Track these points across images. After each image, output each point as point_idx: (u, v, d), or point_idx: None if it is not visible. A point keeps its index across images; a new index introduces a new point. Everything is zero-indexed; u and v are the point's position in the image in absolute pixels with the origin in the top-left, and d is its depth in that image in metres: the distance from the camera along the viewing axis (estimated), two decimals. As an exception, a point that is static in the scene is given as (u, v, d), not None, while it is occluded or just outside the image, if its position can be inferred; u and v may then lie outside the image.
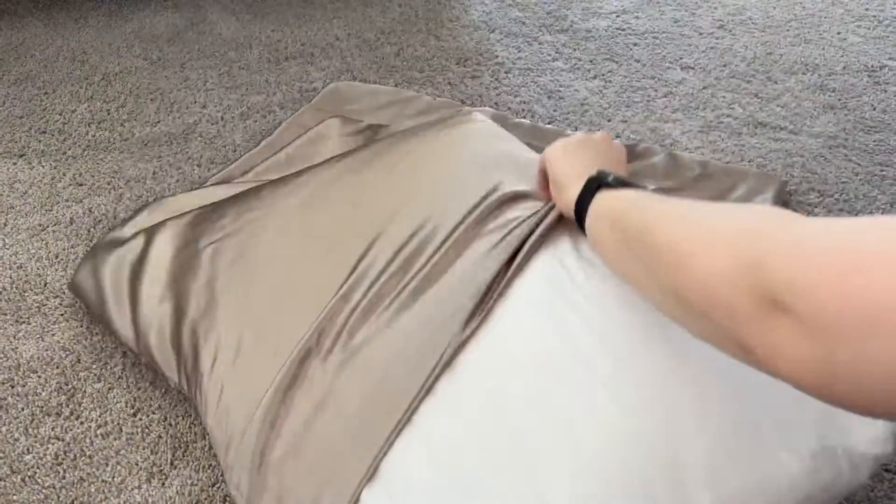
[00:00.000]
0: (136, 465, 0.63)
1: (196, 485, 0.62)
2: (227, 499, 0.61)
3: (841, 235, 0.31)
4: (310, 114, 1.00)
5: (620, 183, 0.53)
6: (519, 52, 1.19)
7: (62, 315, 0.76)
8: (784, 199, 0.88)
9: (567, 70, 1.14)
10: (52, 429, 0.66)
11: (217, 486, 0.62)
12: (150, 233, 0.72)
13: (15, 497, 0.61)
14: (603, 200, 0.52)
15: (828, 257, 0.30)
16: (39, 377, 0.70)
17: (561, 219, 0.59)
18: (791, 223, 0.34)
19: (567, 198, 0.56)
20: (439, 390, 0.51)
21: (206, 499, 0.61)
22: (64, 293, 0.78)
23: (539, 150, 0.66)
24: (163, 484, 0.62)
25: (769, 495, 0.45)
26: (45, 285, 0.79)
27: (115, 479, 0.62)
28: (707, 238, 0.37)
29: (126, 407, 0.67)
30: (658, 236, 0.41)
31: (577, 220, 0.55)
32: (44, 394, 0.68)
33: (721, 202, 0.44)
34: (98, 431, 0.66)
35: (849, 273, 0.28)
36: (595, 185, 0.53)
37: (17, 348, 0.72)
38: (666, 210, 0.44)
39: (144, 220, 0.79)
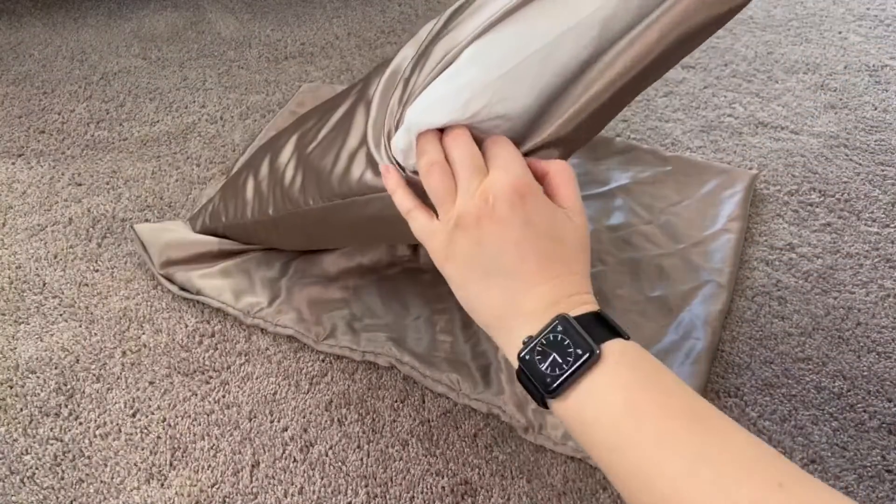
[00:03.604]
0: (136, 465, 0.63)
1: (195, 485, 0.61)
2: (227, 499, 0.61)
3: None
4: (285, 118, 1.00)
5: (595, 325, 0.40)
6: (519, 51, 1.18)
7: (61, 315, 0.75)
8: (753, 193, 0.88)
9: (567, 69, 1.14)
10: (51, 429, 0.65)
11: (216, 486, 0.61)
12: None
13: (14, 498, 0.61)
14: (581, 397, 0.38)
15: None
16: (38, 377, 0.70)
17: None
18: None
19: (505, 340, 0.42)
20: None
21: (205, 499, 0.61)
22: (63, 293, 0.78)
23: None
24: (162, 485, 0.62)
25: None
26: (44, 285, 0.78)
27: (115, 479, 0.62)
28: None
29: (125, 407, 0.67)
30: (648, 495, 0.35)
31: (523, 378, 0.41)
32: (42, 394, 0.68)
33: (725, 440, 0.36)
34: (97, 432, 0.65)
35: None
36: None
37: (15, 349, 0.72)
38: (662, 463, 0.35)
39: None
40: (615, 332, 0.40)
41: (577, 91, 0.48)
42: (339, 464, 0.63)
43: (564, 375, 0.38)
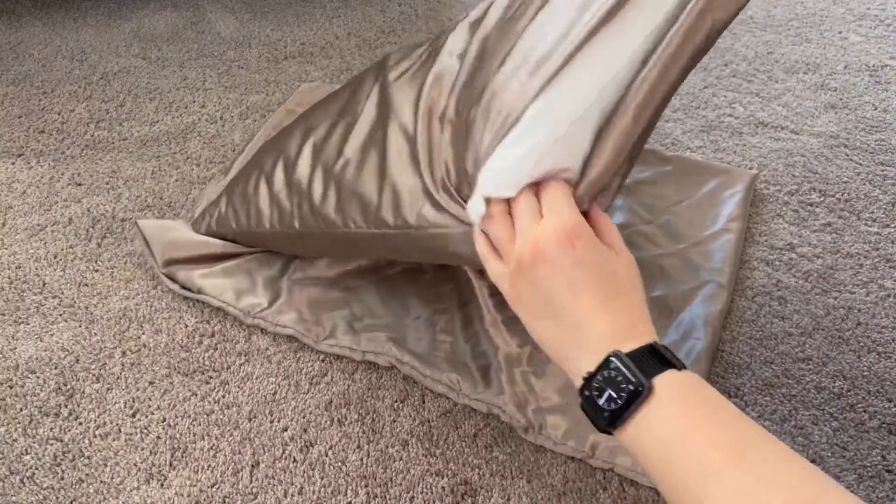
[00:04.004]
0: (135, 465, 0.63)
1: (195, 485, 0.61)
2: (227, 499, 0.61)
3: None
4: (281, 116, 1.00)
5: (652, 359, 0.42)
6: (519, 51, 1.18)
7: (61, 315, 0.75)
8: (753, 193, 0.88)
9: (567, 69, 1.14)
10: (51, 429, 0.65)
11: (216, 486, 0.61)
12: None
13: (14, 498, 0.61)
14: (636, 430, 0.41)
15: None
16: (38, 377, 0.70)
17: None
18: None
19: (571, 374, 0.46)
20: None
21: (205, 499, 0.61)
22: (63, 293, 0.78)
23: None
24: (162, 485, 0.62)
25: None
26: (44, 285, 0.78)
27: (114, 479, 0.62)
28: None
29: (125, 407, 0.67)
30: None
31: (585, 410, 0.44)
32: (42, 394, 0.68)
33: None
34: (97, 432, 0.65)
35: None
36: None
37: (15, 349, 0.72)
38: (705, 499, 0.37)
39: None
40: (668, 362, 0.42)
41: (618, 124, 0.50)
42: (339, 464, 0.63)
43: (619, 411, 0.41)
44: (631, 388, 0.41)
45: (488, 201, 0.51)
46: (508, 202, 0.50)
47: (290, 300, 0.75)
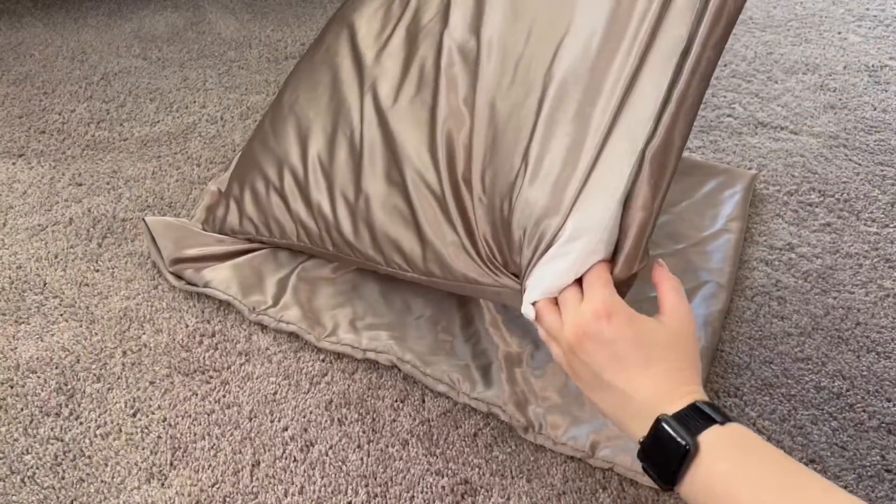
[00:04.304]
0: (136, 465, 0.63)
1: (196, 485, 0.62)
2: (227, 499, 0.61)
3: None
4: None
5: (709, 414, 0.45)
6: (519, 51, 1.18)
7: (61, 315, 0.76)
8: (753, 193, 0.88)
9: (567, 70, 1.14)
10: (52, 429, 0.66)
11: (217, 486, 0.62)
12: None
13: (14, 497, 0.61)
14: (688, 486, 0.44)
15: None
16: (39, 377, 0.70)
17: None
18: None
19: (630, 434, 0.49)
20: None
21: (205, 499, 0.61)
22: (63, 293, 0.78)
23: None
24: (162, 484, 0.62)
25: None
26: (45, 285, 0.79)
27: (115, 479, 0.62)
28: None
29: (125, 407, 0.67)
30: None
31: (645, 471, 0.47)
32: (43, 394, 0.68)
33: None
34: (97, 432, 0.65)
35: None
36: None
37: (16, 348, 0.72)
38: None
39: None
40: (712, 419, 0.45)
41: (638, 199, 0.54)
42: (340, 463, 0.63)
43: (670, 471, 0.44)
44: (678, 448, 0.43)
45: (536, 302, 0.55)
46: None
47: (294, 298, 0.75)
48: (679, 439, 0.44)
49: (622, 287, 0.53)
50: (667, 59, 0.52)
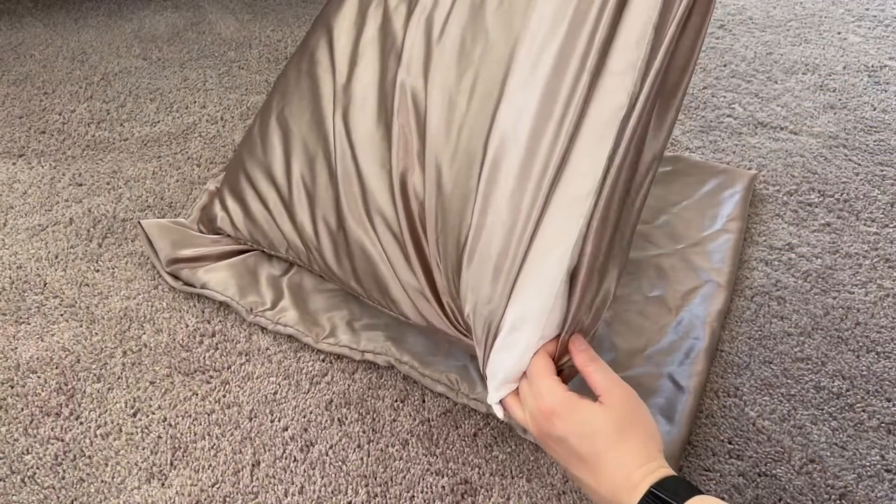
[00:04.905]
0: (136, 465, 0.63)
1: (196, 485, 0.62)
2: (227, 499, 0.61)
3: None
4: None
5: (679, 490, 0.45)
6: (519, 51, 1.18)
7: (62, 315, 0.76)
8: (753, 193, 0.88)
9: (567, 70, 1.14)
10: (52, 429, 0.66)
11: (217, 486, 0.62)
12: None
13: (14, 497, 0.61)
14: None
15: None
16: (39, 377, 0.70)
17: None
18: None
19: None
20: None
21: (206, 499, 0.61)
22: (64, 293, 0.78)
23: None
24: (162, 484, 0.62)
25: None
26: (45, 285, 0.79)
27: (115, 479, 0.62)
28: None
29: (126, 407, 0.67)
30: None
31: None
32: (43, 394, 0.68)
33: None
34: (98, 432, 0.65)
35: None
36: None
37: (16, 348, 0.72)
38: None
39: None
40: (695, 488, 0.45)
41: (578, 278, 0.53)
42: (340, 463, 0.63)
43: None
44: None
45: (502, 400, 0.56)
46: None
47: (291, 300, 0.75)
48: None
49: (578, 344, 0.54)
50: (604, 127, 0.51)
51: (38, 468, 0.63)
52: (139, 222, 0.81)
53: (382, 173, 0.66)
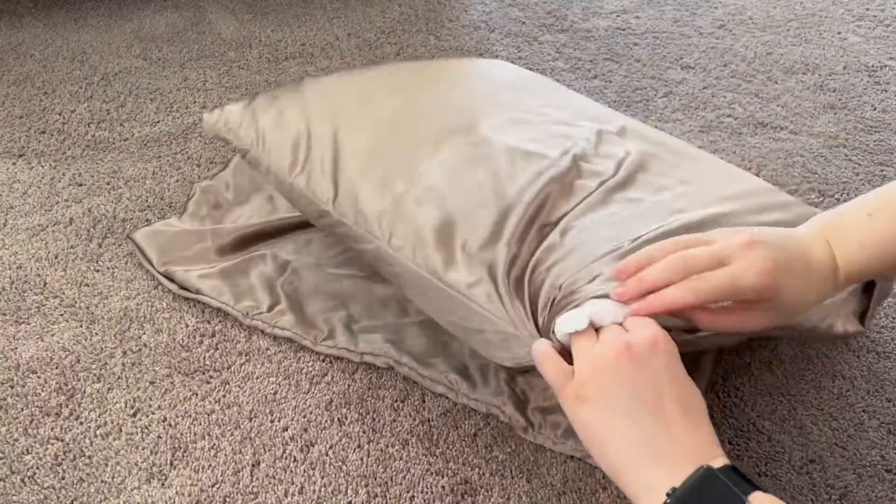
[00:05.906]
0: (136, 465, 0.63)
1: (196, 485, 0.62)
2: (227, 499, 0.61)
3: None
4: None
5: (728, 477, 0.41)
6: (519, 51, 1.19)
7: (62, 315, 0.76)
8: None
9: (567, 70, 1.14)
10: (52, 429, 0.66)
11: (217, 486, 0.62)
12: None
13: (14, 497, 0.61)
14: None
15: None
16: (39, 377, 0.70)
17: None
18: None
19: (636, 488, 0.42)
20: None
21: (205, 499, 0.61)
22: (64, 293, 0.78)
23: None
24: (162, 484, 0.62)
25: None
26: (45, 285, 0.79)
27: (115, 479, 0.62)
28: None
29: (126, 407, 0.67)
30: None
31: None
32: (43, 394, 0.68)
33: None
34: (98, 432, 0.65)
35: None
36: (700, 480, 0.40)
37: (16, 348, 0.72)
38: None
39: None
40: (754, 484, 0.41)
41: None
42: (340, 463, 0.63)
43: None
44: (734, 500, 0.39)
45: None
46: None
47: (287, 303, 0.75)
48: (731, 494, 0.39)
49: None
50: None
51: (37, 468, 0.63)
52: (129, 236, 0.82)
53: None
